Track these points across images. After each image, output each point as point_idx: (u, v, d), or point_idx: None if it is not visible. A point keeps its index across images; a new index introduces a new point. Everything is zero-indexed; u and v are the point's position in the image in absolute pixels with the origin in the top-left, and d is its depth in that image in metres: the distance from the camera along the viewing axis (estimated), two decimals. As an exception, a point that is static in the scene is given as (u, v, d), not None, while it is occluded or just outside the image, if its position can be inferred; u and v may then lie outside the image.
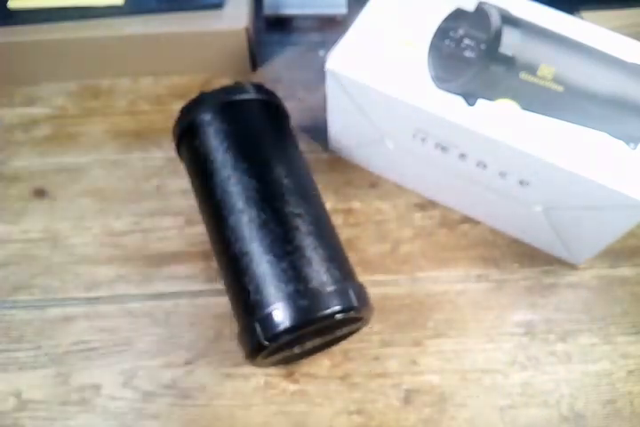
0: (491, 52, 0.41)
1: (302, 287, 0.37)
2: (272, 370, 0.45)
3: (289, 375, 0.45)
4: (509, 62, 0.41)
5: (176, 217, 0.51)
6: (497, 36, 0.41)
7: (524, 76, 0.40)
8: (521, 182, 0.43)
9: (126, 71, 0.58)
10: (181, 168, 0.48)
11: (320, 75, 0.44)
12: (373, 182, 0.53)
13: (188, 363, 0.45)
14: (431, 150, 0.45)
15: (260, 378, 0.45)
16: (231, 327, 0.45)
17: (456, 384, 0.45)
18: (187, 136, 0.45)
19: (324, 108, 0.49)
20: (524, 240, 0.50)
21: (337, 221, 0.50)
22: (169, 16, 0.53)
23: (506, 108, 0.40)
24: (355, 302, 0.38)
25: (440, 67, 0.41)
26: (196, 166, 0.45)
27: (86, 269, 0.49)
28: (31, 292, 0.48)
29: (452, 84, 0.41)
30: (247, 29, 0.53)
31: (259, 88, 0.47)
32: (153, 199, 0.52)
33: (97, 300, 0.48)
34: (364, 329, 0.45)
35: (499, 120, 0.40)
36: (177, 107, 0.46)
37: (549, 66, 0.41)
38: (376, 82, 0.42)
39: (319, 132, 0.54)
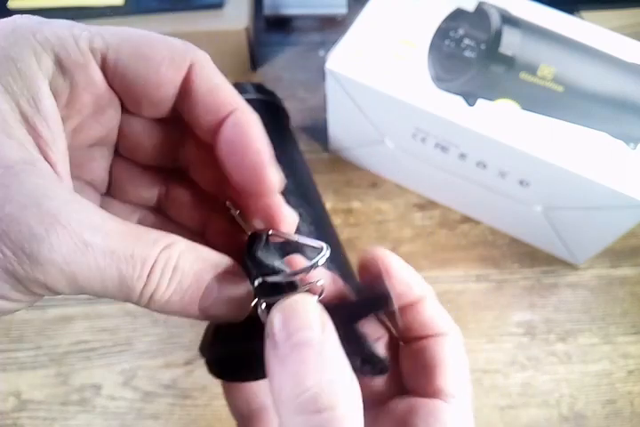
0: (491, 52, 0.41)
1: (302, 287, 0.37)
2: (272, 370, 0.45)
3: (289, 375, 0.45)
4: (509, 62, 0.40)
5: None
6: (497, 36, 0.41)
7: (523, 76, 0.40)
8: (521, 182, 0.43)
9: (126, 71, 0.58)
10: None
11: (320, 75, 0.44)
12: (373, 182, 0.53)
13: (187, 363, 0.45)
14: (431, 150, 0.45)
15: (260, 378, 0.45)
16: (231, 327, 0.45)
17: (456, 384, 0.44)
18: (187, 136, 0.45)
19: (324, 108, 0.49)
20: (524, 240, 0.50)
21: (337, 221, 0.50)
22: (169, 16, 0.53)
23: (506, 108, 0.40)
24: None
25: (440, 67, 0.41)
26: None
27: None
28: (31, 292, 0.48)
29: (452, 84, 0.41)
30: (247, 29, 0.53)
31: (259, 88, 0.47)
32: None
33: (97, 300, 0.48)
34: (364, 329, 0.45)
35: (499, 120, 0.40)
36: (177, 107, 0.46)
37: (549, 66, 0.40)
38: (376, 82, 0.42)
39: (319, 132, 0.54)
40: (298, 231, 0.20)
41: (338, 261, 0.41)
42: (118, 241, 0.16)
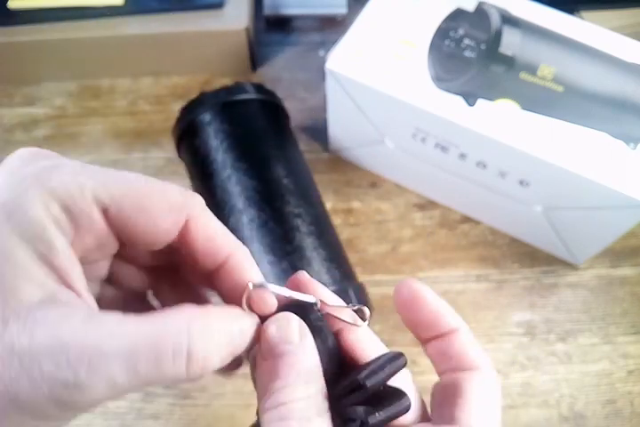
0: (491, 52, 0.41)
1: (302, 287, 0.37)
2: (272, 370, 0.45)
3: (289, 375, 0.45)
4: (509, 62, 0.41)
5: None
6: (497, 36, 0.41)
7: (523, 76, 0.40)
8: (521, 182, 0.43)
9: (126, 71, 0.58)
10: (181, 168, 0.48)
11: (320, 75, 0.44)
12: (373, 182, 0.53)
13: (188, 363, 0.45)
14: (431, 150, 0.45)
15: (260, 378, 0.45)
16: (231, 327, 0.45)
17: (456, 384, 0.44)
18: (187, 136, 0.45)
19: (324, 108, 0.49)
20: (524, 240, 0.50)
21: (337, 221, 0.50)
22: (169, 16, 0.53)
23: (506, 108, 0.40)
24: (355, 302, 0.38)
25: (440, 67, 0.41)
26: (196, 167, 0.45)
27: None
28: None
29: (452, 84, 0.41)
30: (247, 29, 0.53)
31: (259, 88, 0.47)
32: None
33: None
34: (364, 329, 0.45)
35: (499, 120, 0.40)
36: (177, 107, 0.46)
37: (549, 66, 0.41)
38: (376, 82, 0.42)
39: (319, 132, 0.54)
40: (298, 231, 0.21)
41: (338, 262, 0.41)
42: (140, 335, 0.17)
